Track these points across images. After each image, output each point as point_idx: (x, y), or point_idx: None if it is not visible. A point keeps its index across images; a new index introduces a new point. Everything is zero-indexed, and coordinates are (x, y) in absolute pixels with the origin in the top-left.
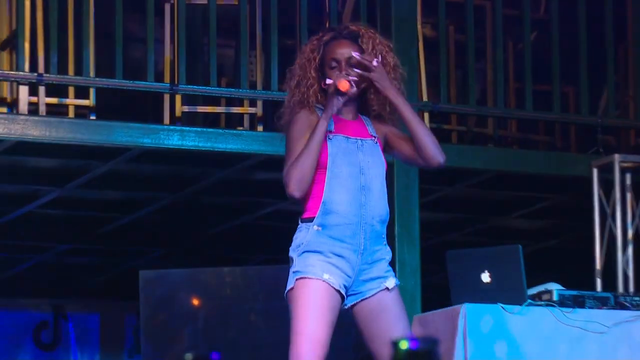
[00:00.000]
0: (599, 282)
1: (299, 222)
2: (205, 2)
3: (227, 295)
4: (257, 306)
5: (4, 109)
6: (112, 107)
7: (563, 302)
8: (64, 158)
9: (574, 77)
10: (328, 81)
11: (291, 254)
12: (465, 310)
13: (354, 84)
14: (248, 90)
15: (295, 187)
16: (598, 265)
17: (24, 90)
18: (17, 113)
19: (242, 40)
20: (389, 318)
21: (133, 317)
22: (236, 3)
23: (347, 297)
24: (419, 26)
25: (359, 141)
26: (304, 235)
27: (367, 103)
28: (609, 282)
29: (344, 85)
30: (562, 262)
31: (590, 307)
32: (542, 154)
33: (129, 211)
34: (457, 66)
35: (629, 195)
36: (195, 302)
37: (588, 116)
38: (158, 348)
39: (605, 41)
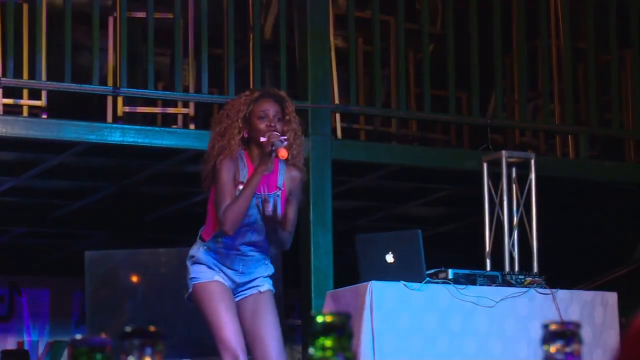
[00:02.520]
0: (488, 262)
1: (197, 237)
2: (144, 15)
3: (163, 273)
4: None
5: None
6: (61, 107)
7: (457, 280)
8: (19, 152)
9: (466, 83)
10: (262, 139)
11: (187, 262)
12: (372, 287)
13: (285, 142)
14: (181, 93)
15: (230, 228)
16: (487, 247)
17: None
18: None
19: (177, 49)
20: (259, 319)
21: (79, 292)
22: (171, 17)
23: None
24: (331, 38)
25: (263, 195)
26: (196, 250)
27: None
28: (497, 262)
29: (283, 154)
30: (456, 245)
31: (480, 284)
32: (439, 150)
33: (77, 199)
34: (365, 73)
35: (514, 187)
36: (135, 279)
37: (479, 117)
38: (102, 320)
39: (494, 52)
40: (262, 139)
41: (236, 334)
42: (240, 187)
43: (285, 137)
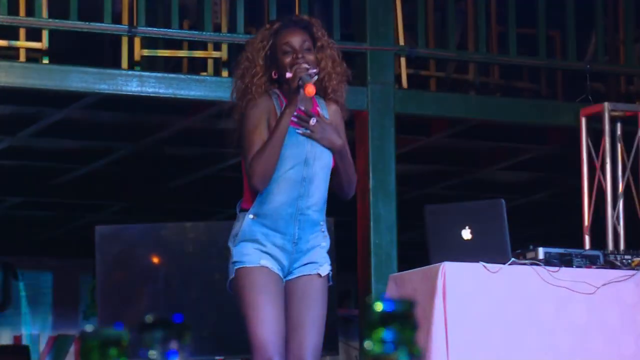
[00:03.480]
0: (587, 239)
1: (237, 213)
2: None
3: (190, 252)
4: (221, 264)
5: None
6: (66, 50)
7: (549, 261)
8: (15, 104)
9: (560, 20)
10: (288, 75)
11: (229, 244)
12: (445, 269)
13: (315, 77)
14: (212, 33)
15: (259, 181)
16: (586, 220)
17: None
18: None
19: None
20: (306, 304)
21: (89, 276)
22: None
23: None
24: None
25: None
26: (239, 225)
27: (323, 87)
28: (598, 239)
29: (310, 90)
30: (548, 218)
31: (577, 266)
32: (526, 102)
33: (86, 162)
34: (435, 8)
35: (619, 146)
36: (156, 259)
37: (576, 62)
38: (116, 309)
39: None
40: (288, 75)
41: (274, 333)
42: None
43: (315, 70)
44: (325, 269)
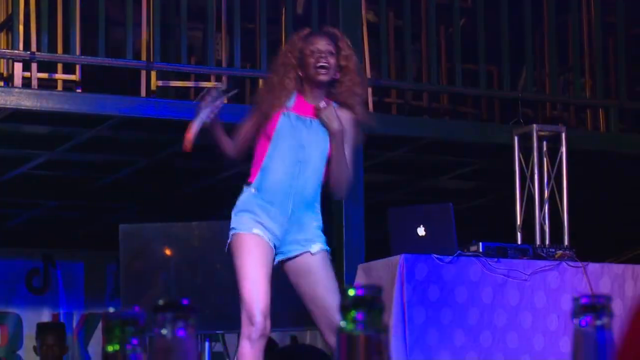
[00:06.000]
0: (519, 235)
1: (243, 187)
2: None
3: (196, 246)
4: (221, 256)
5: (1, 83)
6: (95, 81)
7: (488, 253)
8: (54, 126)
9: (497, 57)
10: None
11: (232, 212)
12: (403, 260)
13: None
14: (214, 67)
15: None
16: (519, 220)
17: (18, 67)
18: (13, 86)
19: (209, 23)
20: (313, 280)
21: (113, 265)
22: None
23: (275, 254)
24: (363, 12)
25: (308, 120)
26: (241, 196)
27: (336, 91)
28: (528, 235)
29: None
30: (488, 218)
31: (512, 257)
32: (470, 123)
33: (111, 172)
34: (396, 47)
35: (545, 160)
36: (168, 252)
37: (510, 91)
38: (135, 292)
39: (524, 26)
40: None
41: (257, 291)
42: (285, 111)
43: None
44: (317, 247)
